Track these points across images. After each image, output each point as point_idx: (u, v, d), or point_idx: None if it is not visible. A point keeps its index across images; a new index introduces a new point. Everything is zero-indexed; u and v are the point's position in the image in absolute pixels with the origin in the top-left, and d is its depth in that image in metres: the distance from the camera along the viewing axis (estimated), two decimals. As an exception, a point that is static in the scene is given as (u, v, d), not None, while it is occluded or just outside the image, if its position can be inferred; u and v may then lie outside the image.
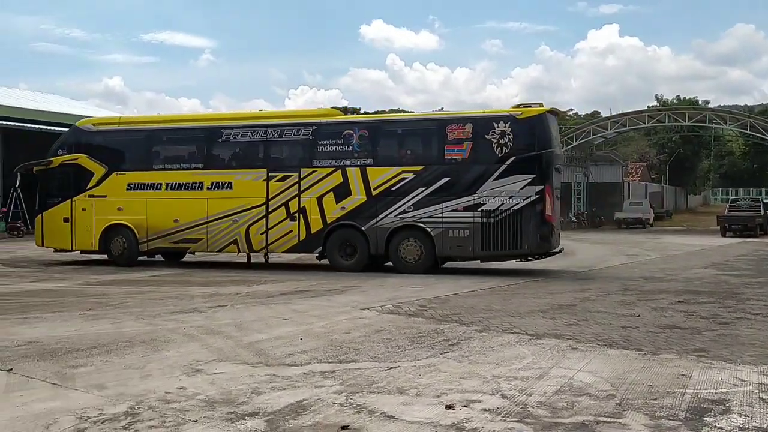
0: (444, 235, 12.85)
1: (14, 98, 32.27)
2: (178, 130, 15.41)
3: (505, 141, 12.53)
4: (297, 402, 4.43)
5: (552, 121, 13.10)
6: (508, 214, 12.50)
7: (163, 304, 9.18)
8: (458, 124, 12.98)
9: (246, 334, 6.91)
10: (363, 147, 13.51)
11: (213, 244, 14.20)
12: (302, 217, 13.63)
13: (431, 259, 13.11)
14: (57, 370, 5.30)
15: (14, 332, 6.99)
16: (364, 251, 13.36)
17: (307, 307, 8.86)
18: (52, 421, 4.01)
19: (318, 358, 5.79)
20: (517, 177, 12.46)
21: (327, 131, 13.76)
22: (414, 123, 14.81)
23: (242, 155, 14.50)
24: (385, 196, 13.15)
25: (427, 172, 13.01)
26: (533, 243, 12.57)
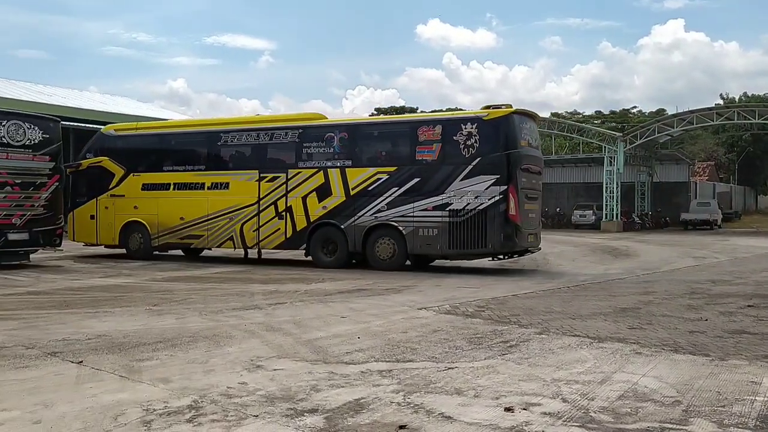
0: (415, 233, 13.26)
1: (85, 100, 33.63)
2: (183, 135, 16.61)
3: (471, 142, 12.84)
4: (355, 400, 4.45)
5: (519, 122, 13.21)
6: (474, 214, 12.77)
7: (225, 300, 9.39)
8: (428, 126, 13.41)
9: (305, 331, 6.99)
10: (343, 149, 14.14)
11: (212, 240, 15.25)
12: (289, 216, 14.42)
13: (404, 256, 13.59)
14: (125, 363, 5.48)
15: (85, 326, 7.27)
16: (343, 249, 13.97)
17: (364, 305, 8.90)
18: (119, 413, 4.15)
19: (375, 356, 5.81)
20: (483, 177, 12.73)
21: (311, 134, 14.48)
22: (389, 125, 15.26)
23: (238, 157, 15.44)
24: (363, 195, 13.72)
25: (400, 172, 13.48)
26: (497, 242, 12.81)
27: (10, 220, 13.29)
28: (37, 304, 8.97)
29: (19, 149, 13.42)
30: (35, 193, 13.74)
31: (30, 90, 32.29)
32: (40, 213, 13.79)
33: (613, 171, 37.25)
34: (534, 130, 14.05)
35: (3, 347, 6.07)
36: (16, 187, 13.39)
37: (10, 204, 13.32)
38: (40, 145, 13.80)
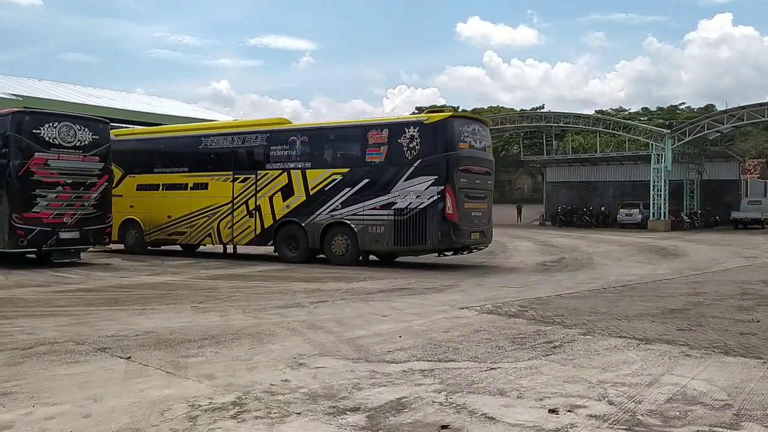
0: (365, 231, 14.05)
1: (132, 102, 34.46)
2: (171, 139, 17.78)
3: (413, 145, 13.56)
4: (397, 399, 4.45)
5: (459, 125, 13.81)
6: (416, 213, 13.48)
7: (267, 298, 9.49)
8: (377, 130, 14.16)
9: (346, 329, 7.02)
10: (304, 151, 15.04)
11: (194, 236, 16.54)
12: (258, 214, 15.48)
13: (356, 252, 14.34)
14: (171, 360, 5.59)
15: (133, 322, 7.44)
16: (304, 245, 14.92)
17: (405, 304, 8.89)
18: (166, 408, 4.23)
19: (417, 356, 5.79)
20: (423, 178, 13.44)
21: (277, 138, 15.48)
22: (343, 129, 15.90)
23: (215, 159, 16.41)
24: (320, 195, 14.61)
25: (352, 173, 14.29)
26: (435, 239, 13.44)
27: (62, 219, 13.69)
28: (87, 301, 9.21)
29: (70, 150, 13.81)
30: (85, 193, 14.12)
31: (80, 92, 33.25)
32: (90, 212, 14.17)
33: (660, 169, 36.42)
34: (479, 133, 14.41)
35: (55, 343, 6.25)
36: (67, 187, 13.78)
37: (61, 203, 13.71)
38: (90, 146, 14.18)
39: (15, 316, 7.86)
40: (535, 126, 43.75)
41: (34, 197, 13.29)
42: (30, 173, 13.21)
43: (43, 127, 13.46)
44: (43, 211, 13.39)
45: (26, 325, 7.23)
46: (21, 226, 13.07)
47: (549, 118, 41.53)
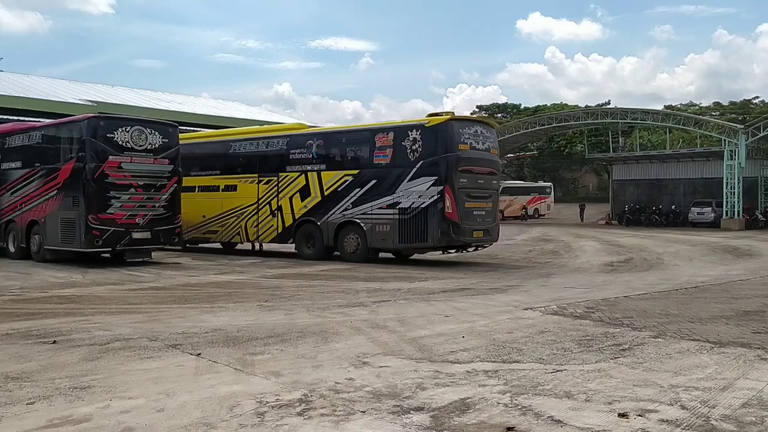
0: (373, 229, 14.75)
1: (200, 106, 35.47)
2: (205, 144, 18.70)
3: (416, 147, 14.21)
4: (461, 399, 4.43)
5: (459, 127, 14.32)
6: (418, 212, 14.10)
7: (331, 297, 9.60)
8: (384, 133, 14.87)
9: (409, 329, 7.03)
10: (319, 154, 15.88)
11: (225, 234, 17.58)
12: (280, 214, 16.43)
13: (366, 250, 14.97)
14: (239, 357, 5.73)
15: (202, 320, 7.66)
16: (320, 243, 15.70)
17: (468, 305, 8.83)
18: (235, 404, 4.34)
19: (481, 356, 5.75)
20: (424, 179, 14.04)
21: (296, 142, 16.46)
22: (354, 133, 16.52)
23: (243, 163, 17.48)
24: (334, 196, 15.40)
25: (362, 175, 15.02)
26: (435, 237, 13.98)
27: (134, 220, 14.23)
28: (158, 299, 9.54)
29: (141, 153, 14.33)
30: (156, 195, 14.62)
31: (150, 97, 34.46)
32: (160, 213, 14.67)
33: (734, 165, 34.94)
34: (482, 135, 14.80)
35: (129, 339, 6.50)
36: (139, 189, 14.31)
37: (134, 205, 14.25)
38: (160, 149, 14.67)
39: (92, 312, 8.21)
40: (600, 122, 42.68)
41: (109, 199, 13.85)
42: (104, 176, 13.77)
43: (117, 131, 14.02)
44: (117, 212, 13.95)
45: (102, 321, 7.54)
46: (96, 227, 13.65)
47: (615, 115, 40.42)
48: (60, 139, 14.95)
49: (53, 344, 6.26)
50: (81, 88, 32.39)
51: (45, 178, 14.74)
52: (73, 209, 13.91)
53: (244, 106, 42.36)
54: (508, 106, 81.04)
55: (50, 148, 15.04)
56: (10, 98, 24.63)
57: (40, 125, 16.12)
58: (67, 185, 14.13)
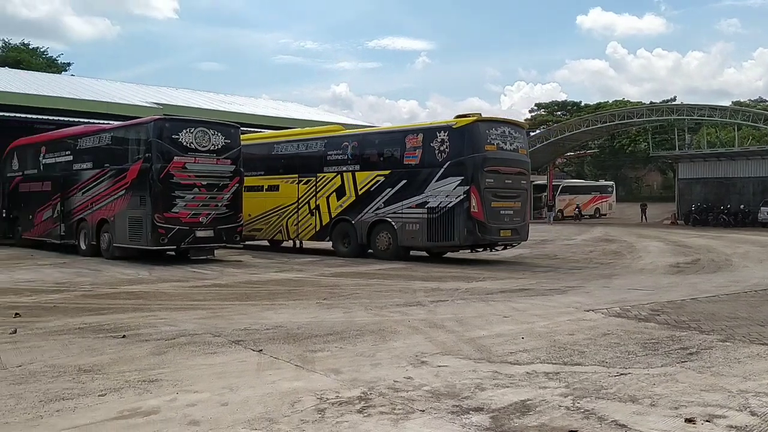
0: (403, 228, 15.15)
1: (260, 107, 36.11)
2: (249, 146, 18.28)
3: (443, 148, 14.52)
4: (521, 401, 4.38)
5: (485, 128, 14.59)
6: (445, 211, 14.37)
7: (388, 296, 9.64)
8: (413, 135, 15.25)
9: (467, 329, 6.99)
10: (354, 156, 16.39)
11: (269, 232, 18.25)
12: (318, 213, 17.02)
13: (397, 248, 15.38)
14: (299, 353, 5.82)
15: (263, 317, 7.82)
16: (354, 241, 16.15)
17: (527, 305, 8.72)
18: (296, 400, 4.41)
19: (541, 358, 5.67)
20: (451, 179, 14.32)
21: (333, 143, 17.00)
22: (386, 134, 16.97)
23: (285, 164, 18.03)
24: (367, 195, 15.84)
25: (393, 175, 15.42)
26: (461, 236, 14.26)
27: (198, 219, 14.62)
28: (221, 296, 9.78)
29: (205, 154, 14.71)
30: (219, 194, 14.98)
31: (212, 99, 35.30)
32: (223, 212, 15.03)
33: (808, 163, 33.32)
34: (510, 135, 15.02)
35: (194, 335, 6.69)
36: (202, 188, 14.69)
37: (198, 204, 14.64)
38: (222, 150, 15.03)
39: (159, 308, 8.49)
40: (665, 119, 41.47)
41: (174, 198, 14.27)
42: (170, 176, 14.19)
43: (181, 132, 14.43)
44: (182, 211, 14.35)
45: (168, 317, 7.79)
46: (162, 225, 14.08)
47: (681, 111, 39.19)
48: (128, 140, 15.49)
49: (123, 338, 6.50)
50: (147, 91, 33.46)
51: (114, 178, 15.30)
52: (140, 208, 14.39)
53: (303, 107, 42.91)
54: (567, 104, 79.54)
55: (119, 149, 15.60)
56: (81, 101, 25.66)
57: (110, 127, 16.73)
58: (134, 185, 14.63)
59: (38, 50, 58.76)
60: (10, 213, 20.05)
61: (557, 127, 44.19)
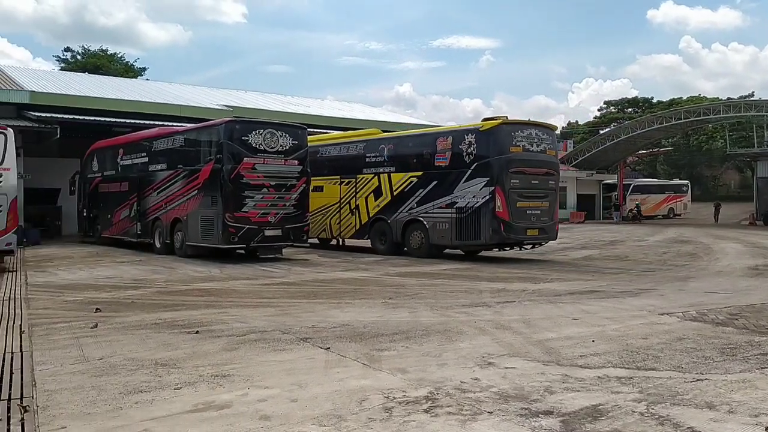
0: (434, 227, 15.78)
1: (326, 108, 36.57)
2: None
3: (471, 150, 15.06)
4: (592, 406, 4.29)
5: (511, 130, 14.98)
6: (472, 211, 14.91)
7: (453, 296, 9.60)
8: (444, 137, 15.90)
9: (535, 331, 6.89)
10: (389, 158, 17.11)
11: (314, 231, 18.57)
12: (357, 212, 17.86)
13: (429, 246, 15.97)
14: (366, 352, 5.87)
15: (330, 315, 7.92)
16: (390, 239, 16.92)
17: (597, 308, 8.52)
18: (363, 398, 4.46)
19: (612, 362, 5.53)
20: (478, 180, 14.82)
21: (371, 146, 17.81)
22: (419, 137, 17.44)
23: (328, 166, 18.74)
24: (401, 196, 16.58)
25: (425, 176, 16.08)
26: (487, 235, 14.73)
27: (267, 218, 14.94)
28: (289, 294, 9.97)
29: (273, 155, 15.02)
30: (286, 194, 15.27)
31: (280, 101, 35.97)
32: (290, 212, 15.31)
33: None
34: (537, 137, 15.34)
35: (264, 331, 6.84)
36: (271, 188, 15.01)
37: (266, 204, 14.96)
38: (290, 151, 15.31)
39: (230, 305, 8.73)
40: (742, 116, 39.61)
41: (244, 198, 14.63)
42: (240, 176, 14.56)
43: (251, 134, 14.78)
44: (251, 210, 14.71)
45: (239, 314, 7.99)
46: (233, 225, 14.47)
47: (759, 107, 37.34)
48: (200, 142, 15.98)
49: (196, 334, 6.72)
50: (218, 94, 34.39)
51: (187, 179, 15.82)
52: (212, 208, 14.82)
53: (368, 108, 43.18)
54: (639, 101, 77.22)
55: (191, 151, 16.12)
56: (156, 104, 26.59)
57: (183, 129, 17.29)
58: (206, 185, 15.08)
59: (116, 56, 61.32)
60: (90, 212, 21.03)
61: (628, 125, 42.90)
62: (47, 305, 8.78)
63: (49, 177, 23.43)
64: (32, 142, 21.47)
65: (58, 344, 6.28)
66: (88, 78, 35.34)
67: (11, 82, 25.02)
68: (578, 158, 43.98)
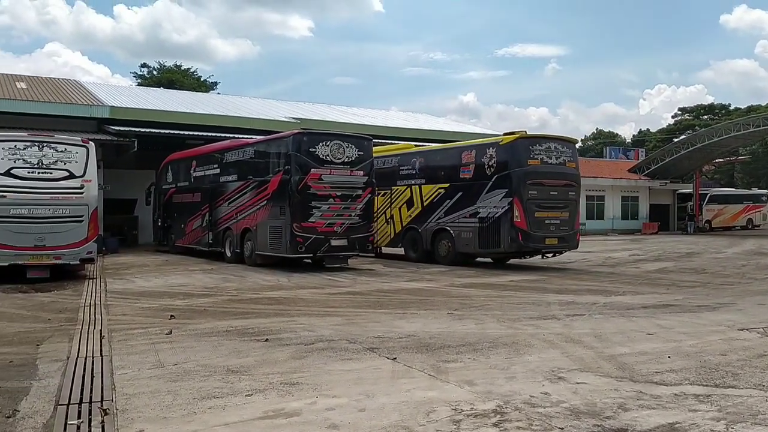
0: (459, 236, 16.62)
1: (391, 119, 36.79)
2: None
3: (492, 163, 15.91)
4: (669, 424, 4.14)
5: (528, 144, 15.70)
6: (493, 221, 15.68)
7: (521, 308, 9.45)
8: (468, 151, 16.83)
9: (607, 345, 6.70)
10: (420, 171, 18.15)
11: None
12: (392, 222, 18.89)
13: (455, 254, 16.80)
14: (432, 363, 5.85)
15: (395, 325, 7.94)
16: (421, 247, 17.78)
17: (673, 323, 8.21)
18: (431, 410, 4.44)
19: (690, 379, 5.32)
20: (498, 191, 15.61)
21: (404, 160, 18.93)
22: (446, 151, 18.35)
23: None
24: (431, 206, 17.51)
25: (451, 188, 16.99)
26: (506, 243, 15.51)
27: (333, 228, 15.13)
28: (355, 303, 10.04)
29: (339, 166, 15.21)
30: (352, 204, 15.42)
31: (345, 112, 36.43)
32: (356, 222, 15.45)
33: None
34: (555, 150, 16.01)
35: (331, 340, 6.92)
36: (337, 199, 15.19)
37: (333, 214, 15.15)
38: (356, 162, 15.47)
39: (298, 314, 8.87)
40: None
41: (311, 209, 14.86)
42: (307, 187, 14.80)
43: (318, 145, 15.02)
44: (318, 220, 14.92)
45: (307, 323, 8.11)
46: (300, 234, 14.71)
47: None
48: (269, 154, 16.35)
49: (266, 342, 6.85)
50: (285, 107, 35.13)
51: (256, 190, 16.20)
52: (280, 218, 15.12)
53: (432, 118, 43.18)
54: (715, 107, 74.42)
55: (261, 162, 16.51)
56: (227, 117, 27.39)
57: (253, 141, 17.72)
58: (275, 196, 15.40)
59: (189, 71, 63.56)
60: (164, 222, 21.80)
61: (704, 132, 41.32)
62: (125, 311, 9.15)
63: (126, 188, 24.50)
64: (111, 155, 22.49)
65: (135, 349, 6.53)
66: (163, 93, 36.78)
67: (93, 98, 26.28)
68: (651, 167, 42.65)
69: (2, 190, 12.31)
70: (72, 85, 30.50)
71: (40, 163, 12.74)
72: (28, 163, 12.65)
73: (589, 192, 41.36)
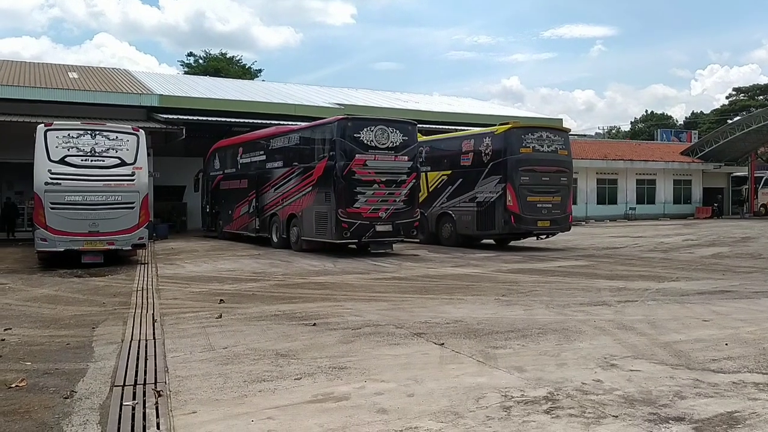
0: (460, 219, 18.02)
1: (435, 104, 36.52)
2: None
3: (488, 151, 17.21)
4: (728, 413, 4.00)
5: (521, 133, 16.87)
6: (489, 205, 16.99)
7: (570, 294, 9.29)
8: (467, 140, 18.20)
9: (661, 332, 6.52)
10: (426, 158, 19.15)
11: None
12: None
13: (456, 236, 18.17)
14: (480, 349, 5.79)
15: (442, 311, 7.89)
16: (427, 230, 18.80)
17: (730, 309, 7.96)
18: (480, 396, 4.39)
19: (748, 367, 5.14)
20: (493, 177, 16.89)
21: None
22: (449, 140, 19.64)
23: None
24: (435, 192, 18.88)
25: (453, 174, 18.34)
26: (500, 226, 16.81)
27: (377, 214, 15.12)
28: (401, 289, 10.03)
29: (384, 151, 15.17)
30: (397, 190, 15.38)
31: (389, 98, 36.29)
32: (401, 207, 15.41)
33: None
34: (547, 139, 17.12)
35: (378, 325, 6.92)
36: (382, 184, 15.17)
37: (377, 200, 15.13)
38: (400, 147, 15.40)
39: (344, 299, 8.91)
40: None
41: (355, 194, 14.88)
42: (352, 173, 14.82)
43: (362, 131, 15.00)
44: (363, 206, 14.93)
45: (353, 307, 8.14)
46: (345, 220, 14.75)
47: None
48: (314, 140, 16.41)
49: (313, 326, 6.90)
50: (329, 92, 35.20)
51: (302, 176, 16.30)
52: (326, 204, 15.19)
53: (477, 102, 42.69)
54: (766, 87, 71.49)
55: (306, 149, 16.58)
56: (272, 104, 27.58)
57: (297, 128, 17.83)
58: (320, 182, 15.47)
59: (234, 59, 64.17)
60: (212, 208, 22.18)
61: (760, 113, 39.79)
62: (176, 296, 9.34)
63: (175, 175, 24.98)
64: (160, 142, 22.92)
65: (186, 333, 6.65)
66: (209, 81, 37.24)
67: (142, 87, 26.80)
68: (704, 149, 41.37)
69: (57, 178, 12.69)
70: (122, 74, 31.16)
71: (93, 151, 13.07)
72: (82, 151, 12.99)
73: (640, 176, 40.38)
